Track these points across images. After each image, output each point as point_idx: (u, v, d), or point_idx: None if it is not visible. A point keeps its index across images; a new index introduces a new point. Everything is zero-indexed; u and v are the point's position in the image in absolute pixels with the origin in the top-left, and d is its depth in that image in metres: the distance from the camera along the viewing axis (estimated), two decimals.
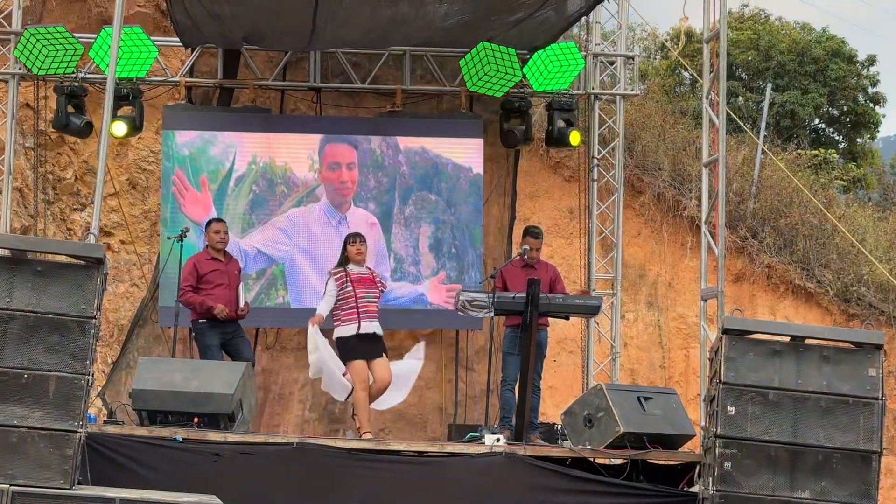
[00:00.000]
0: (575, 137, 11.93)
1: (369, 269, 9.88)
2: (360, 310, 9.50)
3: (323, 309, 9.59)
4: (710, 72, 9.82)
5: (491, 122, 12.40)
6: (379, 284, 9.79)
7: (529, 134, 12.01)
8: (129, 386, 9.12)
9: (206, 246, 10.34)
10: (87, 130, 11.59)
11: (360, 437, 9.36)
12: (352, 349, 9.51)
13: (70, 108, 11.45)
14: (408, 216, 12.08)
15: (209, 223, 10.44)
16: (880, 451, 7.91)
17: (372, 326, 9.55)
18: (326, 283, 9.68)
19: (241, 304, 10.19)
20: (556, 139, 11.98)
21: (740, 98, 20.87)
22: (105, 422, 9.12)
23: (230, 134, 11.86)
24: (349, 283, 9.54)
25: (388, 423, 12.62)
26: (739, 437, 7.88)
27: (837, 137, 22.28)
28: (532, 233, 10.29)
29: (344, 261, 9.71)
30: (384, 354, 9.68)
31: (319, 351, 9.48)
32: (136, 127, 11.62)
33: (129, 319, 12.29)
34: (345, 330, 9.52)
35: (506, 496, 8.42)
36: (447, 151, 12.14)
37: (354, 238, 9.78)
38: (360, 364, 9.50)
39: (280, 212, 11.94)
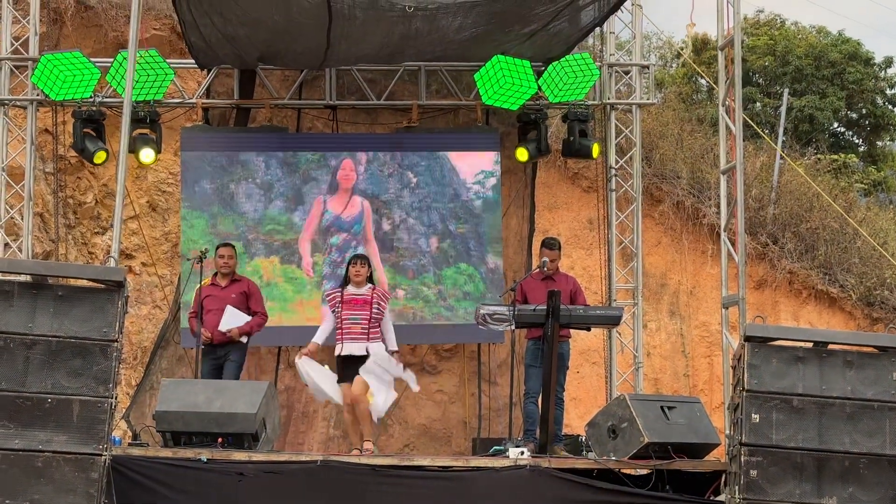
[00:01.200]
0: (595, 150, 11.94)
1: (373, 287, 9.84)
2: (344, 331, 9.62)
3: (317, 337, 9.79)
4: (726, 79, 9.79)
5: (508, 134, 12.41)
6: (375, 305, 9.68)
7: (543, 146, 12.00)
8: (154, 407, 9.15)
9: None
10: (100, 159, 11.58)
11: (360, 450, 9.40)
12: (339, 372, 9.66)
13: (88, 132, 11.49)
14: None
15: (217, 247, 10.53)
16: None
17: (352, 348, 9.58)
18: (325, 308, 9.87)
19: (225, 328, 10.08)
20: (575, 150, 11.98)
21: (758, 104, 20.80)
22: (130, 444, 9.16)
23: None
24: (339, 305, 9.68)
25: (413, 439, 12.62)
26: (765, 444, 7.84)
27: (857, 141, 22.17)
28: (549, 244, 10.28)
29: (345, 281, 9.81)
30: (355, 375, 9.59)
31: (311, 379, 9.62)
32: (156, 150, 11.67)
33: (152, 341, 12.34)
34: (336, 350, 9.69)
35: None
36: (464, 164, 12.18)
37: (355, 260, 9.88)
38: (343, 387, 9.60)
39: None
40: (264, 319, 10.47)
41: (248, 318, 10.25)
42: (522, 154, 12.00)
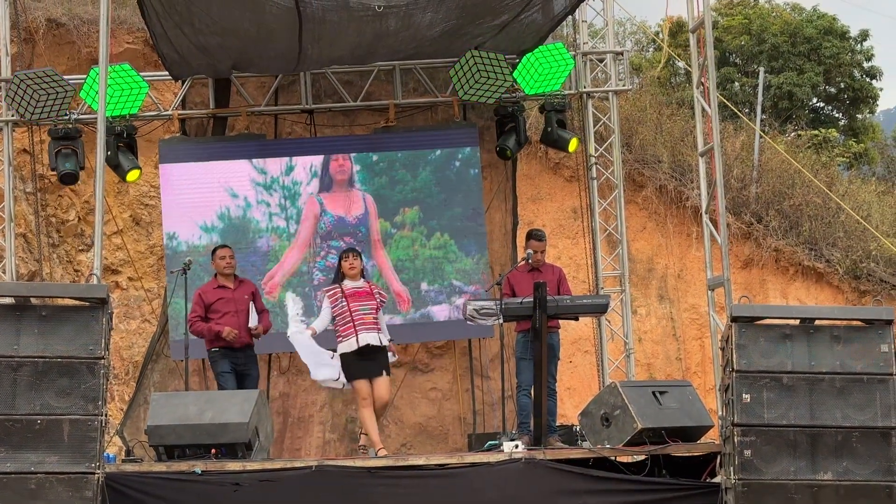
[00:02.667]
0: (573, 144, 11.93)
1: (367, 282, 9.87)
2: (356, 322, 9.49)
3: (316, 324, 9.72)
4: (699, 61, 9.80)
5: (487, 128, 12.41)
6: (377, 296, 9.72)
7: (522, 139, 11.99)
8: (146, 422, 9.13)
9: (215, 274, 10.33)
10: (70, 178, 11.52)
11: (376, 453, 9.34)
12: (354, 368, 9.51)
13: (64, 151, 11.41)
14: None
15: (214, 250, 10.45)
16: None
17: (370, 338, 9.50)
18: (322, 303, 9.75)
19: (253, 325, 10.07)
20: (554, 141, 11.98)
21: (736, 84, 20.84)
22: (123, 460, 9.12)
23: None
24: (343, 299, 9.56)
25: (410, 438, 12.63)
26: (757, 423, 7.87)
27: (837, 115, 22.21)
28: (535, 236, 10.27)
29: (339, 277, 9.75)
30: (384, 373, 9.60)
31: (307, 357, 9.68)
32: (137, 167, 11.60)
33: (143, 355, 12.32)
34: (345, 346, 9.53)
35: (529, 501, 8.39)
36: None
37: (347, 253, 9.81)
38: (360, 383, 9.50)
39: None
40: (269, 317, 10.48)
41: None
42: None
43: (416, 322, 11.97)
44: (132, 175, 11.52)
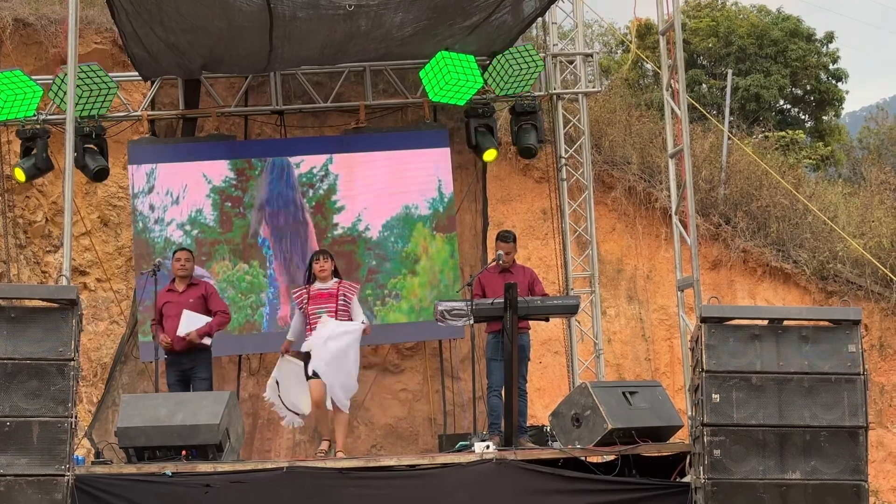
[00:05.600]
0: (490, 154, 11.90)
1: (339, 281, 9.89)
2: (312, 325, 9.66)
3: (290, 335, 9.96)
4: (669, 63, 9.87)
5: (457, 130, 12.42)
6: (341, 297, 9.74)
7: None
8: (116, 424, 9.09)
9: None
10: (43, 171, 11.51)
11: (322, 446, 9.46)
12: (305, 367, 9.63)
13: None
14: None
15: (173, 252, 10.44)
16: (867, 426, 7.96)
17: None
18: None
19: (183, 332, 9.93)
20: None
21: (704, 86, 20.97)
22: (93, 462, 9.07)
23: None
24: (306, 302, 9.71)
25: (380, 439, 12.61)
26: (726, 423, 7.92)
27: (803, 117, 22.39)
28: (504, 237, 10.29)
29: (310, 279, 9.81)
30: None
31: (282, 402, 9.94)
32: (105, 167, 11.54)
33: (112, 357, 12.24)
34: (304, 346, 9.65)
35: (501, 502, 8.41)
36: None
37: (318, 255, 9.93)
38: (313, 382, 9.58)
39: None
40: (226, 318, 10.32)
41: (208, 320, 10.10)
42: (491, 155, 11.98)
43: (386, 323, 11.96)
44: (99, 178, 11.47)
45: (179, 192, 11.80)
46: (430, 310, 11.14)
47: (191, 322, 10.03)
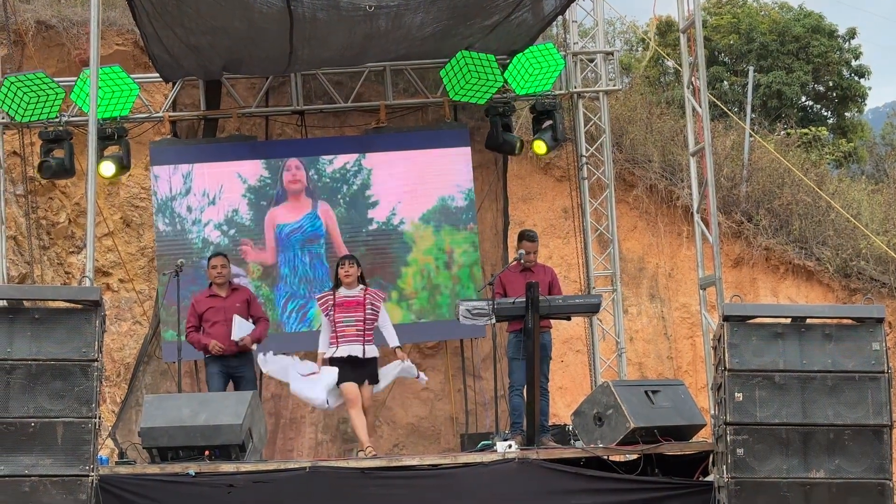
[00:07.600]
0: (539, 146, 11.90)
1: (365, 288, 9.84)
2: (339, 334, 9.59)
3: (321, 346, 9.77)
4: (690, 60, 9.84)
5: (478, 129, 12.42)
6: (368, 306, 9.68)
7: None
8: (140, 424, 9.13)
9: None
10: (66, 172, 11.52)
11: (365, 453, 9.36)
12: (340, 372, 9.57)
13: (56, 153, 11.41)
14: None
15: (209, 258, 10.46)
16: (891, 425, 7.92)
17: (349, 350, 9.56)
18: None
19: (237, 336, 9.98)
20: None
21: (725, 83, 20.87)
22: (117, 463, 9.12)
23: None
24: (332, 308, 9.64)
25: (402, 439, 12.63)
26: (749, 422, 7.89)
27: (826, 114, 22.26)
28: (527, 236, 10.28)
29: (336, 284, 9.77)
30: (367, 382, 9.65)
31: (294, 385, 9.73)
32: (123, 166, 11.61)
33: (135, 357, 12.30)
34: (330, 353, 9.65)
35: (523, 501, 8.41)
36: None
37: (343, 261, 9.85)
38: (347, 385, 9.55)
39: None
40: (268, 323, 10.43)
41: (253, 327, 10.15)
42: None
43: (409, 322, 11.97)
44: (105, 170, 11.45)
45: (216, 193, 11.83)
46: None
47: (241, 328, 10.07)
